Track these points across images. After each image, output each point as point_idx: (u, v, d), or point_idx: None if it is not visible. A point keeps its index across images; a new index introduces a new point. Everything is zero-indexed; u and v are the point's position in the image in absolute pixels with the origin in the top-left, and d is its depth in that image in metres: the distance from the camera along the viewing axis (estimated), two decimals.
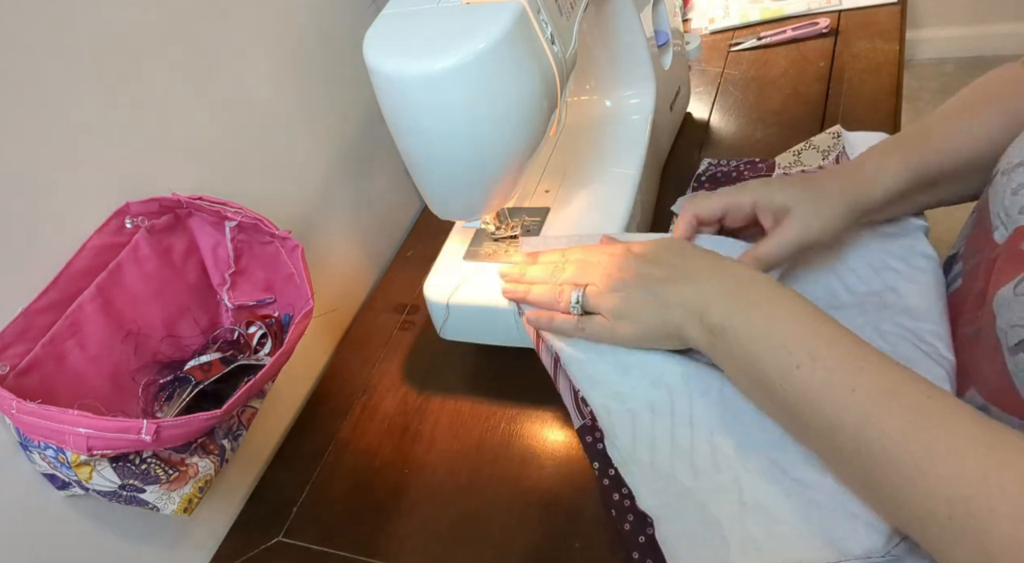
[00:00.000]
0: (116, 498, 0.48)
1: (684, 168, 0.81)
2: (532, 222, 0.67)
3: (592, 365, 0.54)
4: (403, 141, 0.52)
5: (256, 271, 0.60)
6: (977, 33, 2.15)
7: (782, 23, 0.99)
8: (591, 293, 0.52)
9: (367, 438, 0.67)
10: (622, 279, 0.51)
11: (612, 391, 0.53)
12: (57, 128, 0.49)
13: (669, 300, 0.49)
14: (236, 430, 0.56)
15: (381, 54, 0.48)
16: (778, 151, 0.74)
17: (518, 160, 0.54)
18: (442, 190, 0.56)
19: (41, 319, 0.47)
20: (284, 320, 0.60)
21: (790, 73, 0.90)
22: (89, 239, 0.51)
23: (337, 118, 0.77)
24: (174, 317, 0.56)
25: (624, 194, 0.67)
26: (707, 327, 0.47)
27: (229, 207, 0.56)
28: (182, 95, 0.58)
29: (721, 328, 0.46)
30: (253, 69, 0.65)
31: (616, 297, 0.51)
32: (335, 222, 0.77)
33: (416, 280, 0.80)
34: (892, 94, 0.81)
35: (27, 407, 0.43)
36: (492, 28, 0.46)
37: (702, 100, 0.91)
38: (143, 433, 0.43)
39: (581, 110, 0.78)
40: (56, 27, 0.48)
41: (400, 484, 0.62)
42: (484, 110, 0.49)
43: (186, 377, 0.55)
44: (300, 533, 0.62)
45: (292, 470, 0.67)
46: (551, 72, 0.52)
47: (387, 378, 0.72)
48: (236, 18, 0.63)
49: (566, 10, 0.55)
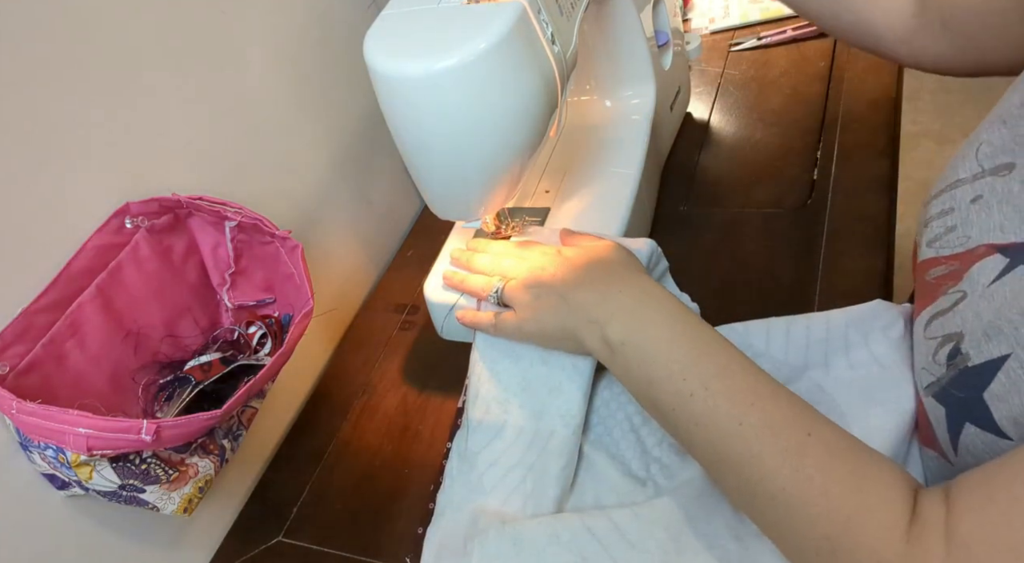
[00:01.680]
0: (116, 498, 0.48)
1: (684, 168, 0.81)
2: (532, 222, 0.67)
3: (500, 364, 0.56)
4: (403, 141, 0.52)
5: (256, 271, 0.60)
6: None
7: (782, 23, 0.99)
8: (509, 287, 0.53)
9: (367, 438, 0.67)
10: (539, 278, 0.52)
11: (503, 397, 0.55)
12: (57, 128, 0.49)
13: (573, 305, 0.49)
14: (236, 430, 0.56)
15: (381, 54, 0.48)
16: (778, 151, 0.74)
17: (518, 160, 0.54)
18: (442, 190, 0.56)
19: (41, 319, 0.47)
20: (284, 320, 0.59)
21: (790, 73, 0.90)
22: (89, 239, 0.50)
23: (337, 118, 0.77)
24: (174, 317, 0.56)
25: (624, 194, 0.67)
26: (606, 341, 0.47)
27: (229, 207, 0.56)
28: (182, 95, 0.58)
29: (620, 344, 0.46)
30: (253, 69, 0.65)
31: (528, 294, 0.52)
32: (335, 222, 0.77)
33: (416, 280, 0.80)
34: (892, 94, 0.81)
35: (27, 407, 0.43)
36: (492, 28, 0.46)
37: (702, 100, 0.91)
38: (143, 433, 0.43)
39: (581, 110, 0.78)
40: (56, 27, 0.48)
41: (400, 484, 0.62)
42: (484, 110, 0.49)
43: (186, 377, 0.55)
44: (300, 533, 0.62)
45: (292, 470, 0.67)
46: (551, 72, 0.52)
47: (387, 378, 0.72)
48: (236, 18, 0.63)
49: (566, 10, 0.55)
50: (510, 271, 0.55)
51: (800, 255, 0.66)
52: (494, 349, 0.56)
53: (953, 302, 0.41)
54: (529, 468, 0.52)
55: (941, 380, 0.41)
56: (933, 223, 0.45)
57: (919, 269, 0.46)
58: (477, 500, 0.52)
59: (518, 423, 0.54)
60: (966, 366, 0.39)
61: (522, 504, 0.51)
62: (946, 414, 0.41)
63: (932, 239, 0.45)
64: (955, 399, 0.40)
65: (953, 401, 0.40)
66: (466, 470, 0.53)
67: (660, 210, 0.77)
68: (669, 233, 0.74)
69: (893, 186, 0.70)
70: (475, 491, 0.52)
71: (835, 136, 0.78)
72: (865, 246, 0.65)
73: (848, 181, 0.71)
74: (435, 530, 0.53)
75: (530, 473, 0.52)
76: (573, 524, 0.47)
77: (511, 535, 0.48)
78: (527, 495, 0.51)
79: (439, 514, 0.53)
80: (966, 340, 0.39)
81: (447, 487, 0.54)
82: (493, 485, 0.52)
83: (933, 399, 0.42)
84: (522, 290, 0.52)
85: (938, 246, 0.44)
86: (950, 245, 0.43)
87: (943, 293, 0.42)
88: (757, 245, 0.69)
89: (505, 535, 0.48)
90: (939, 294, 0.43)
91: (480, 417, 0.55)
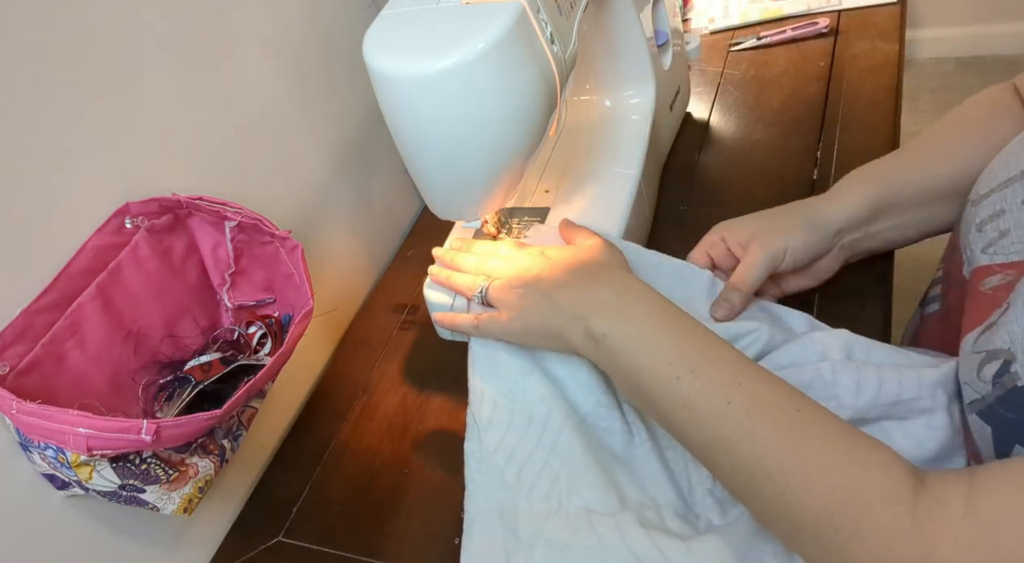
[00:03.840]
0: (116, 498, 0.48)
1: (684, 168, 0.81)
2: (532, 222, 0.67)
3: (498, 358, 0.55)
4: (403, 141, 0.52)
5: (256, 271, 0.60)
6: (976, 33, 2.15)
7: (782, 23, 0.99)
8: (494, 287, 0.54)
9: (367, 438, 0.67)
10: (524, 278, 0.52)
11: (507, 388, 0.55)
12: (57, 128, 0.49)
13: (557, 303, 0.50)
14: (236, 430, 0.56)
15: (381, 54, 0.48)
16: (778, 151, 0.74)
17: (518, 160, 0.54)
18: (442, 190, 0.56)
19: (41, 319, 0.47)
20: (284, 320, 0.59)
21: (790, 73, 0.90)
22: (89, 239, 0.50)
23: (337, 118, 0.77)
24: (174, 317, 0.56)
25: (624, 194, 0.67)
26: (590, 334, 0.47)
27: (229, 207, 0.56)
28: (182, 95, 0.58)
29: (603, 335, 0.47)
30: (253, 69, 0.65)
31: (513, 294, 0.52)
32: (335, 222, 0.77)
33: (416, 280, 0.80)
34: (892, 94, 0.81)
35: (27, 407, 0.43)
36: (492, 28, 0.46)
37: (702, 100, 0.91)
38: (143, 433, 0.43)
39: (581, 110, 0.78)
40: (56, 27, 0.48)
41: (400, 484, 0.62)
42: (483, 110, 0.49)
43: (186, 377, 0.55)
44: (300, 533, 0.62)
45: (292, 470, 0.67)
46: (551, 72, 0.52)
47: (387, 378, 0.72)
48: (236, 18, 0.63)
49: (566, 10, 0.55)
50: (495, 271, 0.55)
51: None
52: (489, 345, 0.56)
53: (999, 314, 0.39)
54: (550, 450, 0.52)
55: (987, 398, 0.40)
56: (987, 227, 0.43)
57: (975, 276, 0.44)
58: (505, 498, 0.51)
59: (527, 411, 0.53)
60: (1015, 386, 0.37)
61: (549, 487, 0.51)
62: (992, 434, 0.39)
63: (987, 245, 0.43)
64: (1004, 419, 0.38)
65: (1002, 421, 0.39)
66: (486, 471, 0.53)
67: (660, 210, 0.77)
68: (669, 233, 0.74)
69: None
70: (501, 488, 0.52)
71: (835, 136, 0.78)
72: None
73: None
74: (470, 540, 0.51)
75: (552, 454, 0.52)
76: (621, 553, 0.46)
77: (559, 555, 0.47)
78: (557, 473, 0.51)
79: (470, 521, 0.52)
80: (1018, 359, 0.37)
81: (472, 492, 0.53)
82: (516, 477, 0.52)
83: (978, 417, 0.40)
84: (507, 290, 0.53)
85: (992, 252, 0.43)
86: (1004, 251, 0.41)
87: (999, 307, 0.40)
88: None
89: (552, 553, 0.47)
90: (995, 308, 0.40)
91: (489, 415, 0.54)
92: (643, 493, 0.51)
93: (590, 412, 0.54)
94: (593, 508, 0.49)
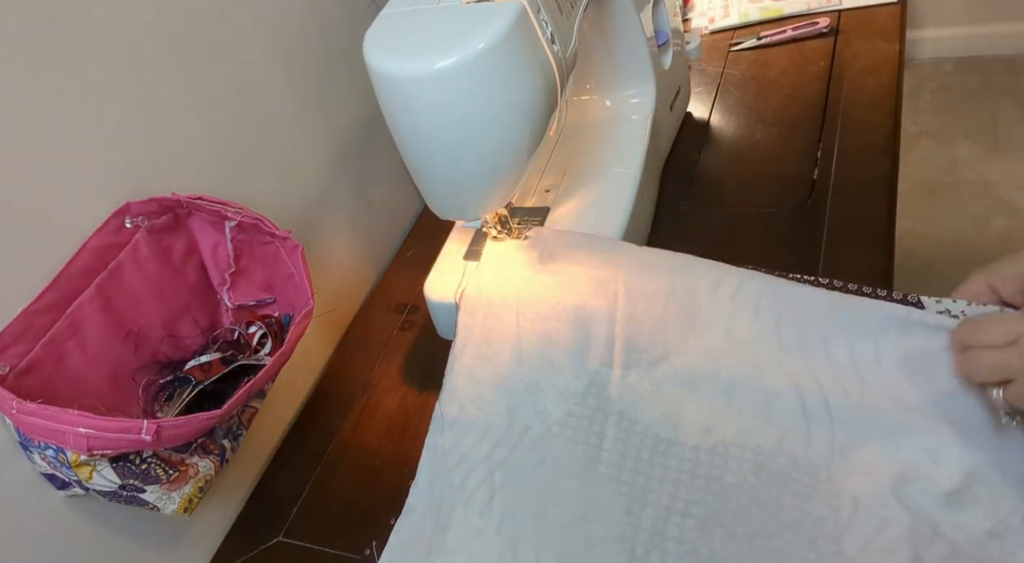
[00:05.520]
0: (116, 498, 0.48)
1: (684, 168, 0.81)
2: (532, 222, 0.67)
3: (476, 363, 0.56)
4: (403, 141, 0.52)
5: (256, 271, 0.60)
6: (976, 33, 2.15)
7: (782, 23, 0.99)
8: (1013, 394, 0.42)
9: (367, 438, 0.67)
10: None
11: (476, 394, 0.55)
12: (57, 128, 0.49)
13: None
14: (236, 430, 0.56)
15: (381, 54, 0.48)
16: (778, 151, 0.74)
17: (518, 160, 0.54)
18: (442, 190, 0.56)
19: (41, 319, 0.47)
20: (284, 320, 0.59)
21: (790, 73, 0.90)
22: (89, 239, 0.50)
23: (337, 118, 0.77)
24: (174, 317, 0.56)
25: (624, 194, 0.67)
26: None
27: (229, 207, 0.56)
28: (182, 95, 0.58)
29: None
30: (253, 69, 0.65)
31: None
32: (335, 222, 0.77)
33: (416, 280, 0.80)
34: (892, 94, 0.81)
35: (27, 407, 0.43)
36: (492, 28, 0.46)
37: (702, 100, 0.91)
38: (143, 433, 0.43)
39: (581, 110, 0.78)
40: (56, 27, 0.48)
41: (400, 484, 0.62)
42: (484, 110, 0.49)
43: (186, 377, 0.55)
44: (300, 533, 0.62)
45: (292, 470, 0.67)
46: (551, 72, 0.52)
47: (387, 378, 0.72)
48: (236, 18, 0.63)
49: (566, 10, 0.55)
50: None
51: (800, 254, 0.66)
52: (470, 348, 0.56)
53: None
54: (499, 463, 0.53)
55: None
56: None
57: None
58: (446, 497, 0.53)
59: (489, 420, 0.54)
60: None
61: (488, 499, 0.52)
62: None
63: None
64: None
65: None
66: (438, 467, 0.54)
67: (660, 210, 0.77)
68: (669, 233, 0.74)
69: (893, 185, 0.70)
70: (445, 487, 0.53)
71: (835, 136, 0.78)
72: (865, 245, 0.65)
73: (848, 180, 0.71)
74: (403, 525, 0.53)
75: (499, 468, 0.52)
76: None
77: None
78: (495, 489, 0.52)
79: (410, 509, 0.54)
80: None
81: (419, 483, 0.54)
82: (461, 483, 0.53)
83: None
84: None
85: None
86: None
87: None
88: (757, 244, 0.69)
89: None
90: None
91: (455, 414, 0.55)
92: (581, 523, 0.50)
93: (559, 421, 0.54)
94: (520, 536, 0.50)
